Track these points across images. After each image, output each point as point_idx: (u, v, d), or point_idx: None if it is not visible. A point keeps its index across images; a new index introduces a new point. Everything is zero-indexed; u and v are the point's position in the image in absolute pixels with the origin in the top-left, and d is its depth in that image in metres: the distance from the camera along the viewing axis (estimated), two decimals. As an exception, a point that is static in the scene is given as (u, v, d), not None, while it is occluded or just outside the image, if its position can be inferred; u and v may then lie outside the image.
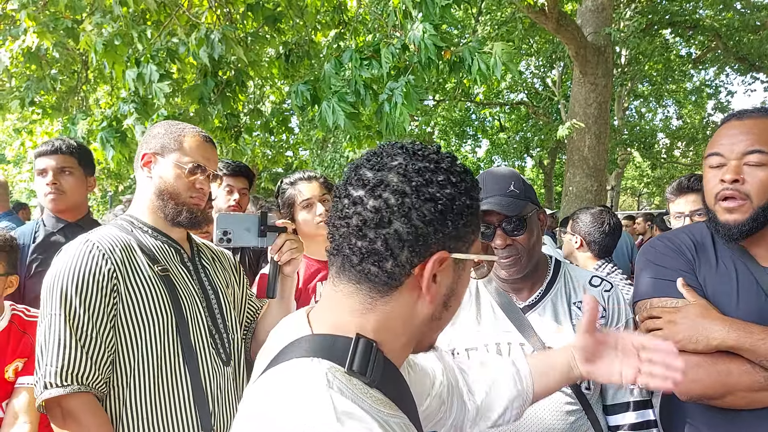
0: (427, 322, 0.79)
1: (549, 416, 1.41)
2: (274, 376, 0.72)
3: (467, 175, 0.78)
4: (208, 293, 1.56)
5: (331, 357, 0.72)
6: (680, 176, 2.50)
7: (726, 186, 1.30)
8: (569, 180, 8.47)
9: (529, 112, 17.41)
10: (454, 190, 0.74)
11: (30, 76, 4.84)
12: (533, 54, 14.43)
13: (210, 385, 1.46)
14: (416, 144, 0.78)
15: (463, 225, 0.75)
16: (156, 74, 3.22)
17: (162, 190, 1.51)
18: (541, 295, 1.52)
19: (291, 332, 0.79)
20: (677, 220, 2.30)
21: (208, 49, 3.30)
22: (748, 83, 18.75)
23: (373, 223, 0.72)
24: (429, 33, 2.67)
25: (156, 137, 1.55)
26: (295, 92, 3.26)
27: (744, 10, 12.10)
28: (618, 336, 1.13)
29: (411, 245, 0.72)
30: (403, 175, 0.73)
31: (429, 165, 0.74)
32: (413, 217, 0.71)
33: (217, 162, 1.61)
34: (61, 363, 1.30)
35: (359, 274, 0.74)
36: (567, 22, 7.66)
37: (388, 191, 0.72)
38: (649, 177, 24.94)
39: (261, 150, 7.55)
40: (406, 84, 2.78)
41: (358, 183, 0.74)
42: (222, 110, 3.97)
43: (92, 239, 1.41)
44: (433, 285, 0.75)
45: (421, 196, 0.71)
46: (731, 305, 1.32)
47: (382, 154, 0.77)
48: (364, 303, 0.75)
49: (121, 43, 3.34)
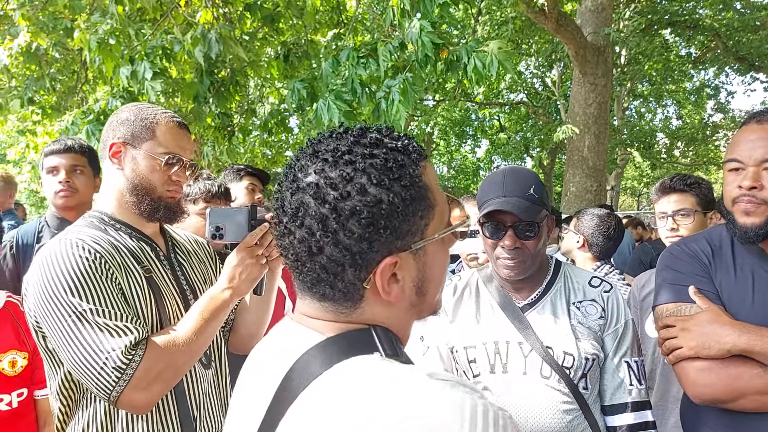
0: (411, 310, 0.76)
1: (546, 416, 1.41)
2: (335, 393, 0.64)
3: (395, 157, 0.68)
4: (186, 293, 1.46)
5: (365, 350, 0.69)
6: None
7: (744, 192, 1.31)
8: (569, 180, 8.47)
9: (528, 112, 17.42)
10: (379, 191, 0.66)
11: (30, 75, 4.85)
12: (533, 54, 14.43)
13: (192, 392, 1.39)
14: (330, 140, 0.71)
15: (402, 221, 0.68)
16: (150, 72, 3.21)
17: (136, 185, 1.38)
18: (540, 295, 1.52)
19: (292, 345, 0.73)
20: (661, 220, 2.30)
21: (204, 48, 3.30)
22: (747, 83, 18.75)
23: (305, 254, 0.68)
24: (426, 31, 2.67)
25: (124, 124, 1.39)
26: (292, 90, 3.26)
27: (744, 10, 12.10)
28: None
29: (351, 264, 0.67)
30: (316, 196, 0.66)
31: (342, 171, 0.66)
32: (341, 238, 0.66)
33: (192, 149, 1.48)
34: (110, 347, 1.18)
35: (317, 295, 0.72)
36: (567, 22, 7.66)
37: (308, 217, 0.67)
38: (649, 177, 24.93)
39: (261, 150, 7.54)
40: (403, 81, 2.79)
41: (281, 210, 0.70)
42: (216, 109, 3.97)
43: (71, 238, 1.28)
44: (394, 286, 0.71)
45: (341, 214, 0.65)
46: (746, 307, 1.33)
47: (295, 167, 0.71)
48: (339, 317, 0.72)
49: (116, 42, 3.34)
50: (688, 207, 2.24)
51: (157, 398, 1.24)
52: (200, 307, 1.32)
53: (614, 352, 1.48)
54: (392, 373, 0.64)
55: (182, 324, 1.31)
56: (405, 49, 2.93)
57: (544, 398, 1.41)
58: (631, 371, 1.47)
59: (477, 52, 2.69)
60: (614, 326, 1.49)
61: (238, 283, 1.35)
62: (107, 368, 1.17)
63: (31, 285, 1.26)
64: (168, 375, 1.24)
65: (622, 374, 1.47)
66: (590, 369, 1.44)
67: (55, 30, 4.05)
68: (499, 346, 1.47)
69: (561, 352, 1.43)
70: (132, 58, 3.31)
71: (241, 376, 0.83)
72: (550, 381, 1.42)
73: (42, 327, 1.26)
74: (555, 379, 1.42)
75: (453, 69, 2.82)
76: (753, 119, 1.36)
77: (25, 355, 1.79)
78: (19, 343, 1.78)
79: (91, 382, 1.19)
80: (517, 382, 1.44)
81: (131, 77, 3.26)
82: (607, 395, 1.48)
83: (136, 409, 1.23)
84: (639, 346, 1.53)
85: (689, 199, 2.25)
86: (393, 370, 0.64)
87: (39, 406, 1.84)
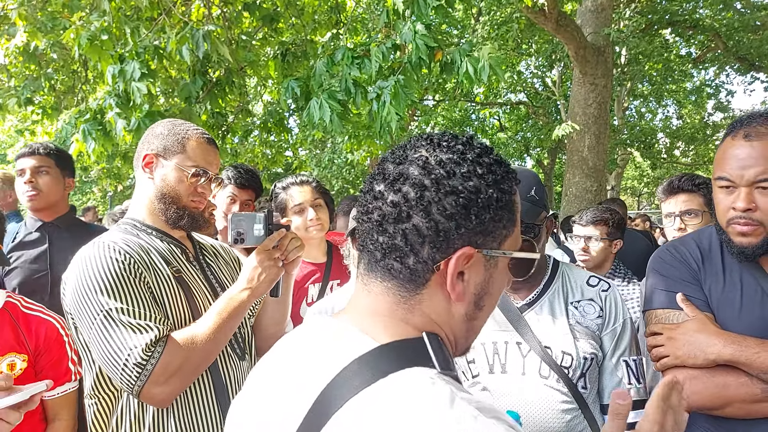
0: (464, 322, 0.76)
1: (546, 416, 1.41)
2: (379, 411, 0.62)
3: (499, 167, 0.73)
4: (217, 290, 1.56)
5: (418, 361, 0.68)
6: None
7: (738, 214, 1.29)
8: (569, 180, 8.46)
9: (528, 112, 17.40)
10: (480, 182, 0.70)
11: (29, 75, 4.84)
12: (533, 54, 14.42)
13: (230, 381, 1.48)
14: (445, 135, 0.75)
15: (491, 219, 0.71)
16: (138, 72, 3.20)
17: (164, 194, 1.50)
18: (538, 295, 1.51)
19: (341, 345, 0.72)
20: (668, 220, 2.30)
21: (192, 47, 3.27)
22: (748, 83, 18.72)
23: (392, 217, 0.70)
24: (420, 33, 2.66)
25: (158, 137, 1.53)
26: (286, 88, 3.25)
27: (744, 10, 12.08)
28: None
29: (432, 240, 0.69)
30: (423, 167, 0.70)
31: (453, 156, 0.71)
32: (433, 211, 0.68)
33: (218, 164, 1.60)
34: (132, 344, 1.26)
35: (383, 270, 0.72)
36: (567, 22, 7.66)
37: (408, 185, 0.69)
38: (649, 177, 24.92)
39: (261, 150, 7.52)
40: (395, 83, 2.78)
41: (380, 177, 0.73)
42: (209, 109, 3.96)
43: (105, 241, 1.39)
44: (459, 283, 0.71)
45: (441, 189, 0.68)
46: (734, 315, 1.33)
47: (406, 146, 0.75)
48: (399, 303, 0.73)
49: (107, 39, 3.32)
50: (696, 207, 2.24)
51: (177, 392, 1.33)
52: (219, 307, 1.40)
53: (612, 351, 1.48)
54: (436, 403, 0.61)
55: (201, 323, 1.38)
56: (399, 51, 2.93)
57: (543, 398, 1.41)
58: (630, 370, 1.47)
59: (469, 56, 2.69)
60: (612, 325, 1.48)
61: (256, 284, 1.42)
62: (129, 364, 1.26)
63: (68, 284, 1.36)
64: (187, 371, 1.32)
65: (620, 373, 1.47)
66: (589, 368, 1.44)
67: (54, 30, 4.04)
68: (497, 347, 1.47)
69: (559, 351, 1.43)
70: (122, 57, 3.29)
71: (270, 366, 0.80)
72: (549, 381, 1.42)
73: (77, 323, 1.36)
74: (554, 379, 1.42)
75: (448, 71, 2.81)
76: (740, 131, 1.30)
77: (25, 358, 1.74)
78: (19, 345, 1.74)
79: (116, 377, 1.29)
80: (515, 382, 1.43)
81: (119, 76, 3.23)
82: (605, 394, 1.48)
83: (157, 402, 1.32)
84: (637, 345, 1.53)
85: (697, 200, 2.25)
86: (434, 399, 0.61)
87: (49, 407, 1.79)
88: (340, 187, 16.01)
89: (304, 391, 0.69)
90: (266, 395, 0.76)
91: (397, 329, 0.72)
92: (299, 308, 2.31)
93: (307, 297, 2.37)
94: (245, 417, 0.78)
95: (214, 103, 3.96)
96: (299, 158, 13.08)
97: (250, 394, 0.80)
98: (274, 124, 4.77)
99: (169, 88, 5.00)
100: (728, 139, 1.33)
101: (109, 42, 3.37)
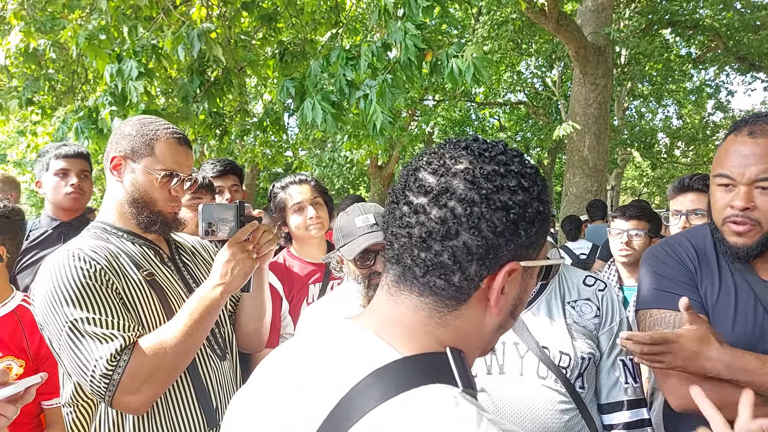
0: (494, 332, 0.75)
1: (544, 416, 1.41)
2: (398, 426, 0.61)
3: (538, 177, 0.72)
4: (194, 290, 1.50)
5: (439, 378, 0.66)
6: (681, 176, 2.51)
7: (736, 213, 1.26)
8: (569, 180, 8.47)
9: (528, 112, 17.40)
10: (527, 196, 0.68)
11: (29, 76, 4.84)
12: (533, 54, 14.41)
13: (211, 383, 1.44)
14: (481, 142, 0.72)
15: (534, 233, 0.69)
16: (135, 71, 3.19)
17: (136, 198, 1.44)
18: (535, 295, 1.51)
19: (361, 353, 0.70)
20: (674, 218, 2.30)
21: (188, 46, 3.27)
22: (748, 83, 18.75)
23: (439, 235, 0.66)
24: (410, 33, 2.65)
25: (126, 138, 1.45)
26: (281, 87, 3.25)
27: (744, 9, 12.08)
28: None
29: (480, 258, 0.67)
30: (471, 181, 0.66)
31: (498, 168, 0.68)
32: (483, 228, 0.65)
33: (191, 164, 1.53)
34: (98, 355, 1.22)
35: (423, 286, 0.70)
36: (567, 22, 7.66)
37: (455, 200, 0.66)
38: (649, 177, 24.91)
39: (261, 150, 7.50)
40: (381, 83, 2.76)
41: (419, 189, 0.69)
42: (207, 108, 3.96)
43: (71, 249, 1.34)
44: (501, 296, 0.70)
45: (491, 205, 0.66)
46: (728, 321, 1.31)
47: (443, 155, 0.70)
48: (432, 317, 0.70)
49: (105, 38, 3.31)
50: (703, 207, 2.24)
51: (153, 399, 1.28)
52: (190, 307, 1.35)
53: (609, 350, 1.48)
54: (462, 424, 0.60)
55: (170, 325, 1.33)
56: (389, 50, 2.92)
57: (541, 398, 1.41)
58: (627, 369, 1.47)
59: (456, 56, 2.68)
60: (609, 325, 1.48)
61: (230, 279, 1.37)
62: (96, 375, 1.22)
63: (36, 294, 1.32)
64: (159, 377, 1.27)
65: (617, 373, 1.47)
66: (586, 368, 1.44)
67: (53, 30, 4.04)
68: (495, 347, 1.47)
69: (557, 351, 1.43)
70: (120, 56, 3.28)
71: (283, 366, 0.77)
72: (547, 381, 1.42)
73: (48, 335, 1.32)
74: (552, 379, 1.41)
75: (437, 72, 2.81)
76: (744, 129, 1.27)
77: (22, 363, 1.73)
78: (19, 351, 1.74)
79: (88, 388, 1.26)
80: (513, 382, 1.43)
81: (116, 75, 3.22)
82: (603, 394, 1.48)
83: (132, 410, 1.28)
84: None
85: (705, 200, 2.25)
86: (460, 420, 0.61)
87: (48, 415, 1.79)
88: (340, 186, 16.02)
89: (321, 398, 0.67)
90: (278, 395, 0.74)
91: (422, 342, 0.70)
92: (299, 308, 2.31)
93: (307, 297, 2.37)
94: (253, 414, 0.76)
95: (211, 102, 3.95)
96: (299, 158, 13.08)
97: (258, 391, 0.77)
98: (271, 124, 4.76)
99: (168, 87, 5.00)
100: (731, 136, 1.30)
101: (107, 41, 3.37)
